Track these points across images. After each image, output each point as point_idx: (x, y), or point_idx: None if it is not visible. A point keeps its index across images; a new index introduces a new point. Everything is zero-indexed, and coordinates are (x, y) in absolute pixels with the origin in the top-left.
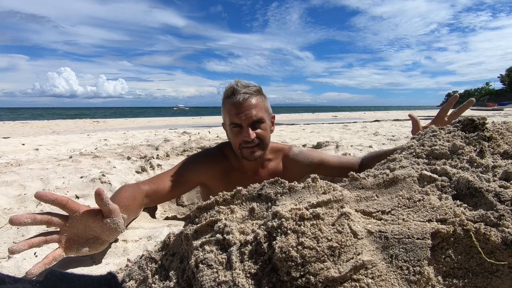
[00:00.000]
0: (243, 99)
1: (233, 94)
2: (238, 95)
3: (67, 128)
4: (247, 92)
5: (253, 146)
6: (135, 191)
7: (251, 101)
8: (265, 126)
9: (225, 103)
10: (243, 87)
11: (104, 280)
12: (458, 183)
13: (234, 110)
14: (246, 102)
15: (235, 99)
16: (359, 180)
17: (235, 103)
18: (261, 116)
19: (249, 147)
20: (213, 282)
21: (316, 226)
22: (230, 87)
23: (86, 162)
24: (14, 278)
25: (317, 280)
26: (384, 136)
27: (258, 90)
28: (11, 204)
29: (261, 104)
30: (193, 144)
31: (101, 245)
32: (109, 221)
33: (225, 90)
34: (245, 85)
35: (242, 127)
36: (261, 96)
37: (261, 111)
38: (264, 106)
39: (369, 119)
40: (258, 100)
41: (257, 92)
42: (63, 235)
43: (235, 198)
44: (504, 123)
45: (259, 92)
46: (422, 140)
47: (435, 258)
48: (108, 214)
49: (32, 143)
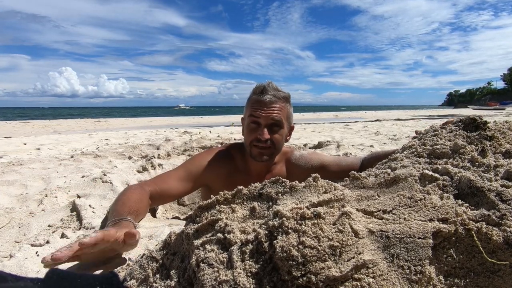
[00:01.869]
0: (269, 100)
1: (262, 92)
2: (266, 95)
3: (68, 127)
4: (276, 95)
5: (264, 147)
6: (142, 194)
7: (276, 104)
8: (282, 132)
9: (251, 98)
10: (273, 89)
11: (105, 279)
12: (459, 183)
13: (258, 106)
14: (271, 104)
15: (262, 97)
16: (360, 180)
17: (261, 101)
18: (281, 120)
19: (260, 147)
20: (214, 281)
21: (317, 226)
22: (261, 85)
23: (88, 161)
24: (16, 277)
25: (318, 279)
26: (385, 135)
27: (286, 97)
28: (12, 203)
29: (284, 110)
30: (194, 144)
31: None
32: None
33: (255, 87)
34: (275, 88)
35: (259, 125)
36: (287, 103)
37: (283, 117)
38: (287, 113)
39: (370, 118)
40: (283, 105)
41: (284, 98)
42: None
43: (236, 197)
44: (506, 122)
45: (286, 99)
46: (424, 140)
47: (437, 257)
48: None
49: (34, 142)
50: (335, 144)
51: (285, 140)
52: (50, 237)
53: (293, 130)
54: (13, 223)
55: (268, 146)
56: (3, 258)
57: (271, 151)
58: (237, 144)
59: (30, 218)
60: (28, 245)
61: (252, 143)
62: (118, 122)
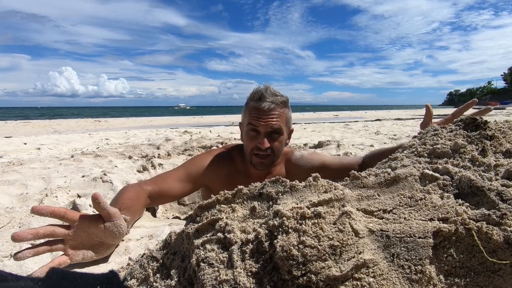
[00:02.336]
0: (268, 108)
1: (259, 99)
2: (264, 102)
3: (68, 127)
4: (274, 102)
5: (264, 156)
6: (138, 192)
7: (275, 111)
8: (282, 138)
9: (249, 104)
10: (271, 95)
11: (105, 279)
12: (460, 182)
13: (256, 114)
14: (270, 111)
15: (260, 104)
16: (360, 179)
17: (259, 108)
18: (281, 127)
19: (260, 155)
20: (214, 280)
21: (317, 225)
22: (258, 91)
23: (88, 161)
24: (16, 276)
25: (318, 279)
26: (386, 135)
27: (284, 102)
28: (13, 203)
29: (283, 116)
30: (194, 144)
31: (107, 249)
32: (110, 225)
33: (252, 92)
34: (273, 94)
35: (259, 133)
36: (286, 108)
37: (282, 123)
38: (286, 118)
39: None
40: (282, 111)
41: (283, 103)
42: (68, 244)
43: (236, 197)
44: (506, 121)
45: (285, 103)
46: (424, 139)
47: (437, 257)
48: (108, 218)
49: (34, 142)
50: (335, 144)
51: (284, 144)
52: None
53: (293, 132)
54: (14, 223)
55: (268, 154)
56: (3, 257)
57: (271, 159)
58: (238, 145)
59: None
60: (28, 245)
61: (253, 151)
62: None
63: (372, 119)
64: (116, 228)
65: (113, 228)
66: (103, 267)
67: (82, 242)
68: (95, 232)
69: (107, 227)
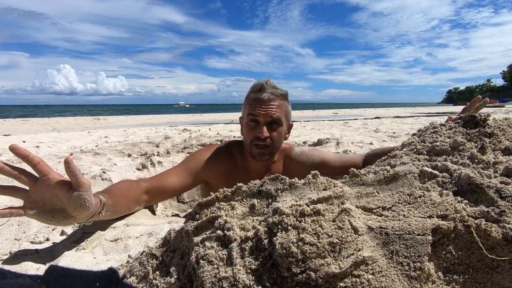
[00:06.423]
0: (268, 98)
1: (259, 90)
2: (264, 93)
3: (67, 125)
4: (274, 93)
5: (263, 146)
6: (132, 185)
7: (275, 102)
8: (281, 130)
9: (249, 96)
10: (271, 87)
11: (105, 276)
12: (459, 179)
13: (256, 104)
14: (270, 101)
15: (260, 95)
16: (359, 177)
17: (259, 99)
18: (280, 118)
19: (260, 146)
20: (214, 278)
21: (316, 222)
22: (258, 83)
23: (87, 159)
24: (15, 274)
25: (318, 276)
26: (385, 133)
27: (284, 95)
28: (12, 200)
29: (283, 108)
30: (193, 141)
31: (65, 218)
32: (75, 194)
33: (252, 85)
34: (273, 86)
35: (258, 123)
36: (286, 101)
37: (281, 114)
38: (286, 111)
39: (369, 116)
40: (281, 103)
41: (282, 96)
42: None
43: (235, 194)
44: (505, 119)
45: (284, 96)
46: (423, 137)
47: (436, 254)
48: (76, 186)
49: (33, 140)
50: (335, 142)
51: (284, 138)
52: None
53: (292, 127)
54: (13, 221)
55: (267, 144)
56: (2, 255)
57: (271, 150)
58: (237, 141)
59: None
60: (28, 243)
61: (252, 142)
62: (117, 120)
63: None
64: (80, 200)
65: (77, 199)
66: (103, 264)
67: (44, 201)
68: (60, 194)
69: (72, 195)
